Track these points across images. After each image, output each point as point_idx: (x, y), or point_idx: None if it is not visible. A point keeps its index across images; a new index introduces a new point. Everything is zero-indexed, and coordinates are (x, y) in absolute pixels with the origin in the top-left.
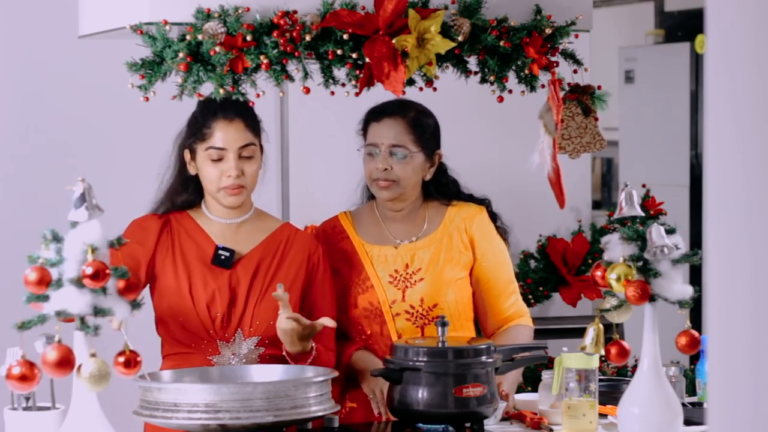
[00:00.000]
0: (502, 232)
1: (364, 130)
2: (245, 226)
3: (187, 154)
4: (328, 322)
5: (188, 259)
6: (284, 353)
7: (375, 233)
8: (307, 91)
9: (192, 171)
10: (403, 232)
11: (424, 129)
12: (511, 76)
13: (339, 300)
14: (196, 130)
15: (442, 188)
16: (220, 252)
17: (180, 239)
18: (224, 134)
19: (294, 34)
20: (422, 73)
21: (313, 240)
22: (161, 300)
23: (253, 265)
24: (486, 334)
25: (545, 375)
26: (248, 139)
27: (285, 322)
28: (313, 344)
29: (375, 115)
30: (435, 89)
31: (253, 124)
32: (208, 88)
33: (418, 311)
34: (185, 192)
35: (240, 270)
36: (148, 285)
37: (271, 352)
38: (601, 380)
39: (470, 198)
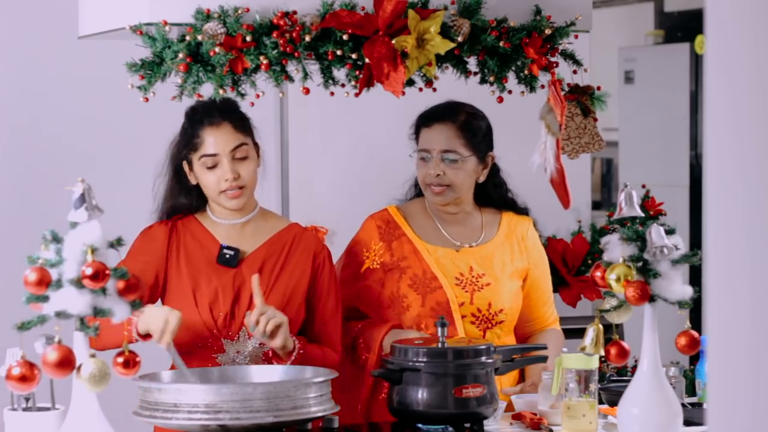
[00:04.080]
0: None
1: (416, 135)
2: (250, 225)
3: (185, 165)
4: (254, 280)
5: (194, 261)
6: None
7: (431, 233)
8: (307, 91)
9: (193, 181)
10: (461, 235)
11: (475, 132)
12: (511, 76)
13: (394, 299)
14: (187, 141)
15: (497, 189)
16: (225, 251)
17: (186, 242)
18: (214, 139)
19: (294, 34)
20: (422, 74)
21: (318, 240)
22: (171, 303)
23: (258, 264)
24: (522, 337)
25: (545, 375)
26: (239, 140)
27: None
28: (297, 343)
29: (425, 120)
30: (435, 90)
31: (241, 124)
32: (207, 89)
33: (484, 315)
34: (187, 197)
35: (245, 269)
36: (162, 292)
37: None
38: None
39: (514, 206)
